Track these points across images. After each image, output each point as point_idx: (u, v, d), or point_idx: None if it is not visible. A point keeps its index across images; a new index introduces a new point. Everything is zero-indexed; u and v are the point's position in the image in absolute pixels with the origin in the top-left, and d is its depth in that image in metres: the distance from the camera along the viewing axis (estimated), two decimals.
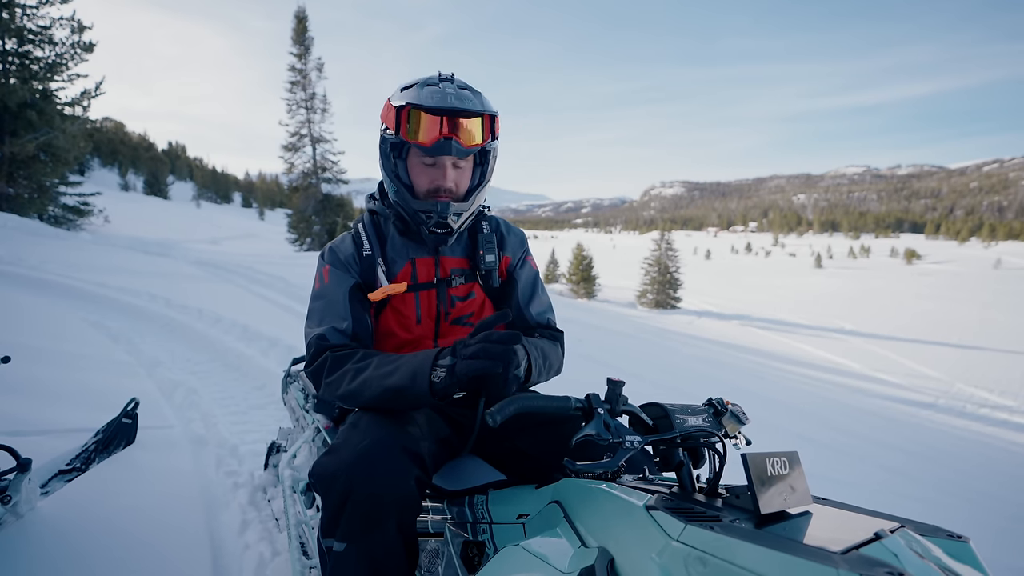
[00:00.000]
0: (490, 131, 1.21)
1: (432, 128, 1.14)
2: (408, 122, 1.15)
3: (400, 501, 0.99)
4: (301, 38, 21.45)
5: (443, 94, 1.15)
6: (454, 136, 1.15)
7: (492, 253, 1.36)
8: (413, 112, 1.14)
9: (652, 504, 0.75)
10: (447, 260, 1.34)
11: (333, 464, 1.00)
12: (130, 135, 71.06)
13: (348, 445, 1.04)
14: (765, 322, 22.00)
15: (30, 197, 14.10)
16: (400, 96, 1.19)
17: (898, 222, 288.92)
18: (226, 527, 2.01)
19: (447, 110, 1.14)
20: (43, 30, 13.66)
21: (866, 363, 13.54)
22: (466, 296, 1.36)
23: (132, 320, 5.25)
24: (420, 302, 1.31)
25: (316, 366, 1.16)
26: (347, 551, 0.97)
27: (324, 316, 1.23)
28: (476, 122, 1.18)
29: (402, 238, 1.33)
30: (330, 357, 1.14)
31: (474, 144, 1.19)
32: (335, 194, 22.26)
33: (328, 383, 1.13)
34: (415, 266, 1.31)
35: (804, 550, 0.60)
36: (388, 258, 1.31)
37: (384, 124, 1.23)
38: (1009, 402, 9.99)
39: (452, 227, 1.27)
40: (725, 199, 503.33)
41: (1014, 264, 75.58)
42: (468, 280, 1.35)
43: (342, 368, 1.12)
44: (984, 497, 4.01)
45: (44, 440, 2.19)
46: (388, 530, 0.98)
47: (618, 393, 0.90)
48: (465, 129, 1.16)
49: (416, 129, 1.15)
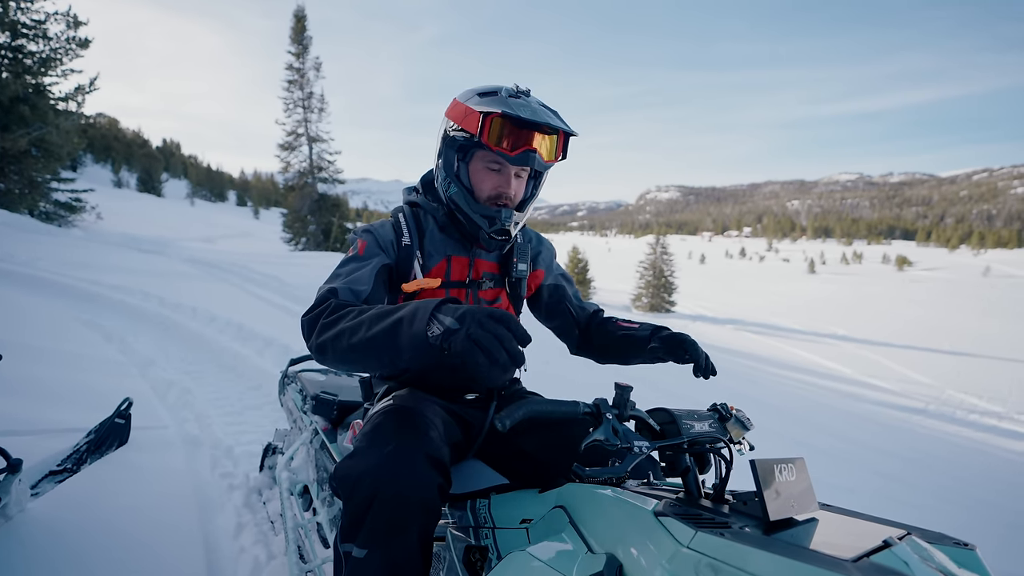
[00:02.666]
0: (563, 150, 1.26)
1: (519, 138, 1.18)
2: (492, 128, 1.17)
3: (424, 508, 0.97)
4: (299, 37, 21.38)
5: (532, 108, 1.19)
6: (537, 150, 1.19)
7: (525, 263, 1.42)
8: (502, 121, 1.17)
9: (660, 510, 0.74)
10: (481, 263, 1.38)
11: (358, 467, 0.99)
12: (124, 131, 70.53)
13: (373, 449, 1.02)
14: (759, 326, 22.11)
15: (21, 193, 13.93)
16: (483, 102, 1.20)
17: (890, 229, 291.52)
18: (221, 530, 1.99)
19: (537, 124, 1.18)
20: (37, 24, 13.53)
21: (858, 368, 13.64)
22: (493, 300, 1.39)
23: (125, 319, 5.20)
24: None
25: (317, 311, 1.09)
26: (368, 557, 0.95)
27: (343, 278, 1.20)
28: (554, 139, 1.23)
29: (441, 234, 1.35)
30: (334, 303, 1.08)
31: (550, 160, 1.24)
32: (331, 194, 22.15)
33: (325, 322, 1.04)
34: (450, 263, 1.33)
35: (817, 558, 0.60)
36: (425, 251, 1.32)
37: (455, 123, 1.24)
38: (997, 408, 10.08)
39: (511, 234, 1.30)
40: (720, 204, 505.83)
41: (1003, 272, 76.43)
42: (497, 285, 1.40)
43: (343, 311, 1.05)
44: (979, 503, 4.04)
45: (35, 440, 2.15)
46: (410, 537, 0.96)
47: (626, 398, 0.89)
48: (547, 145, 1.21)
49: (502, 137, 1.18)
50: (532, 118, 1.16)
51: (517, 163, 1.21)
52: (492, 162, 1.25)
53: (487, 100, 1.20)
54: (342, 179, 22.64)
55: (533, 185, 1.34)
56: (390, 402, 1.21)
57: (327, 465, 1.68)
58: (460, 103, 1.25)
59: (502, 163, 1.24)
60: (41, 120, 13.42)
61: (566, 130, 1.23)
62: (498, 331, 0.83)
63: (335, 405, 1.76)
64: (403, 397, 1.23)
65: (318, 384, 1.97)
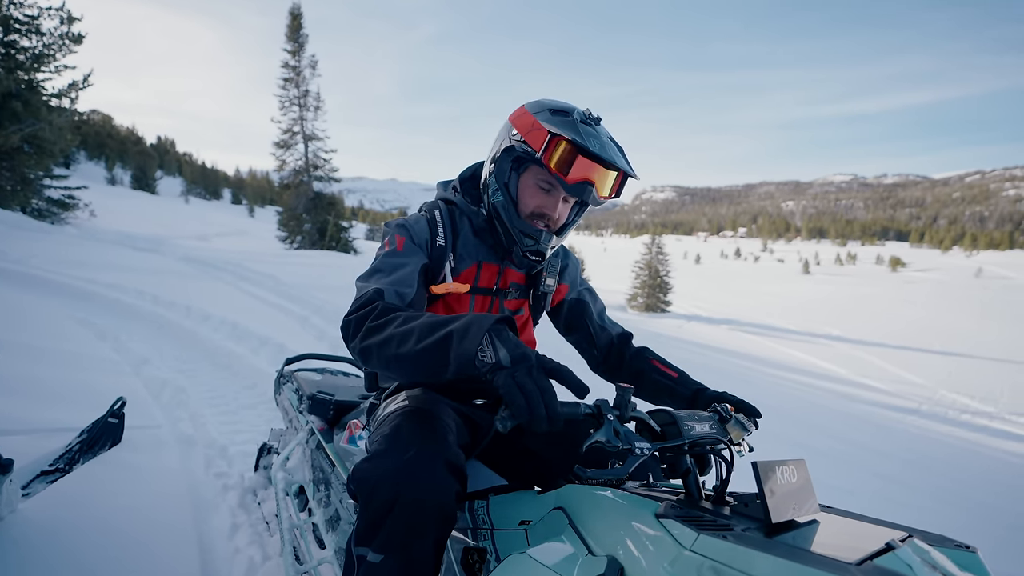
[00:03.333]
0: (618, 189, 1.23)
1: (582, 170, 1.15)
2: (557, 150, 1.15)
3: (442, 515, 0.96)
4: (295, 35, 21.28)
5: (601, 142, 1.16)
6: (594, 183, 1.16)
7: (553, 278, 1.41)
8: (568, 146, 1.14)
9: (662, 512, 0.74)
10: (510, 272, 1.36)
11: (378, 470, 0.97)
12: (118, 128, 70.05)
13: (393, 452, 1.00)
14: (754, 327, 22.18)
15: (13, 190, 13.78)
16: (553, 121, 1.16)
17: (884, 230, 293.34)
18: (215, 530, 1.97)
19: (603, 160, 1.15)
20: (30, 20, 13.40)
21: (852, 368, 13.70)
22: (516, 311, 1.38)
23: (119, 317, 5.15)
24: (474, 306, 1.31)
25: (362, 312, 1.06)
26: (384, 562, 0.93)
27: (388, 277, 1.17)
28: (613, 176, 1.20)
29: (475, 238, 1.32)
30: (381, 306, 1.06)
31: (605, 196, 1.21)
32: (326, 192, 22.07)
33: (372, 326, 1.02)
34: (480, 269, 1.31)
35: (821, 561, 0.60)
36: (457, 254, 1.30)
37: (518, 134, 1.21)
38: (989, 408, 10.16)
39: (545, 256, 1.29)
40: (715, 204, 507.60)
41: (995, 273, 77.08)
42: (521, 296, 1.39)
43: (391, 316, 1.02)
44: (973, 504, 4.07)
45: (26, 440, 2.13)
46: (427, 544, 0.94)
47: (627, 399, 0.89)
48: (605, 180, 1.18)
49: (564, 162, 1.15)
50: (599, 153, 1.13)
51: (572, 193, 1.17)
52: (544, 181, 1.22)
53: (558, 120, 1.17)
54: (338, 177, 22.57)
55: (576, 211, 1.31)
56: (406, 403, 1.20)
57: (323, 465, 1.66)
58: (529, 114, 1.21)
59: (554, 185, 1.22)
60: (34, 116, 13.29)
61: (629, 172, 1.20)
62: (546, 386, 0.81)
63: (331, 405, 1.75)
64: (418, 398, 1.21)
65: (314, 384, 1.96)
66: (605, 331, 1.52)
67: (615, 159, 1.16)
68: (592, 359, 1.55)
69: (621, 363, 1.48)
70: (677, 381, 1.36)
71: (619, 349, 1.51)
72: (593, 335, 1.51)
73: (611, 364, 1.51)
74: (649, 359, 1.45)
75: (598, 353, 1.52)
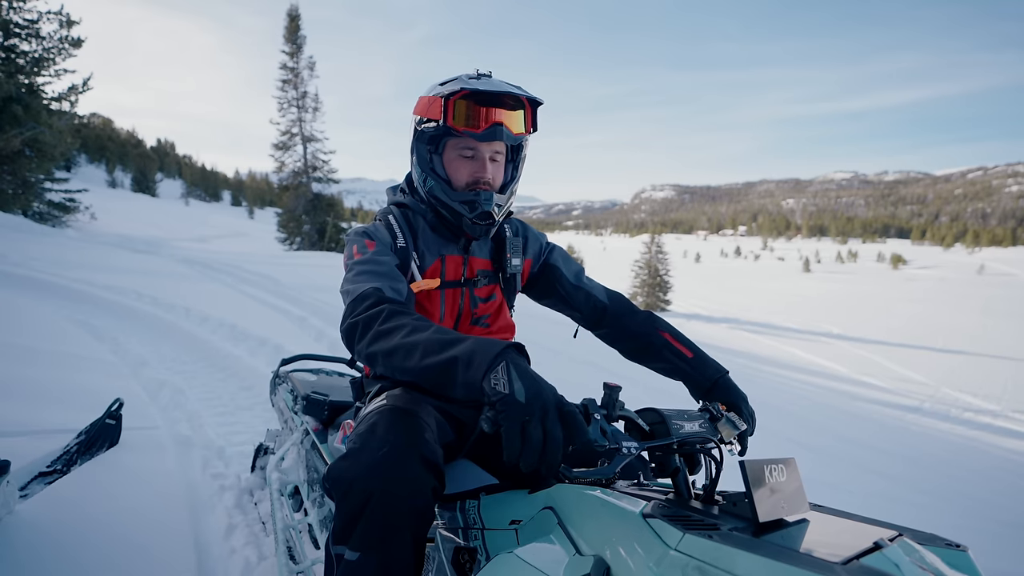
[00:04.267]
0: (532, 122, 1.24)
1: (483, 115, 1.17)
2: (456, 110, 1.16)
3: (418, 511, 0.96)
4: (293, 36, 21.30)
5: (491, 82, 1.18)
6: (504, 123, 1.18)
7: (518, 257, 1.40)
8: (462, 100, 1.16)
9: (649, 512, 0.73)
10: (475, 260, 1.36)
11: (352, 469, 0.97)
12: (118, 131, 70.21)
13: (367, 450, 1.00)
14: (754, 325, 22.16)
15: (14, 193, 13.83)
16: (443, 88, 1.20)
17: (885, 227, 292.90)
18: (212, 531, 1.97)
19: (499, 95, 1.17)
20: (30, 24, 13.43)
21: (853, 367, 13.68)
22: (488, 297, 1.38)
23: (118, 319, 5.16)
24: (445, 300, 1.32)
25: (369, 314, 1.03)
26: (361, 560, 0.93)
27: (378, 276, 1.14)
28: (520, 113, 1.21)
29: (433, 234, 1.33)
30: (388, 308, 1.03)
31: (520, 133, 1.22)
32: (325, 193, 22.09)
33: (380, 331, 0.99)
34: (444, 263, 1.32)
35: (806, 560, 0.59)
36: (420, 252, 1.31)
37: (421, 117, 1.24)
38: (992, 406, 10.14)
39: (495, 217, 1.27)
40: (715, 203, 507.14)
41: (997, 270, 76.91)
42: (491, 282, 1.38)
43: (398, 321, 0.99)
44: (976, 502, 4.06)
45: (24, 441, 2.13)
46: (404, 540, 0.94)
47: (615, 398, 0.88)
48: (512, 118, 1.20)
49: (465, 116, 1.17)
50: (493, 89, 1.16)
51: (486, 139, 1.19)
52: (464, 148, 1.24)
53: (447, 85, 1.20)
54: (337, 179, 22.59)
55: (513, 168, 1.33)
56: (384, 401, 1.19)
57: (318, 466, 1.66)
58: (423, 97, 1.25)
59: (475, 147, 1.23)
60: (34, 120, 13.32)
61: (530, 98, 1.21)
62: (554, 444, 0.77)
63: (326, 405, 1.75)
64: (397, 396, 1.21)
65: (309, 384, 1.96)
66: (581, 291, 1.48)
67: (509, 89, 1.17)
68: (578, 321, 1.52)
69: (624, 331, 1.44)
70: (693, 364, 1.32)
71: (615, 314, 1.46)
72: (567, 296, 1.47)
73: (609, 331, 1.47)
74: (660, 330, 1.39)
75: (581, 314, 1.49)
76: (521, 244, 1.43)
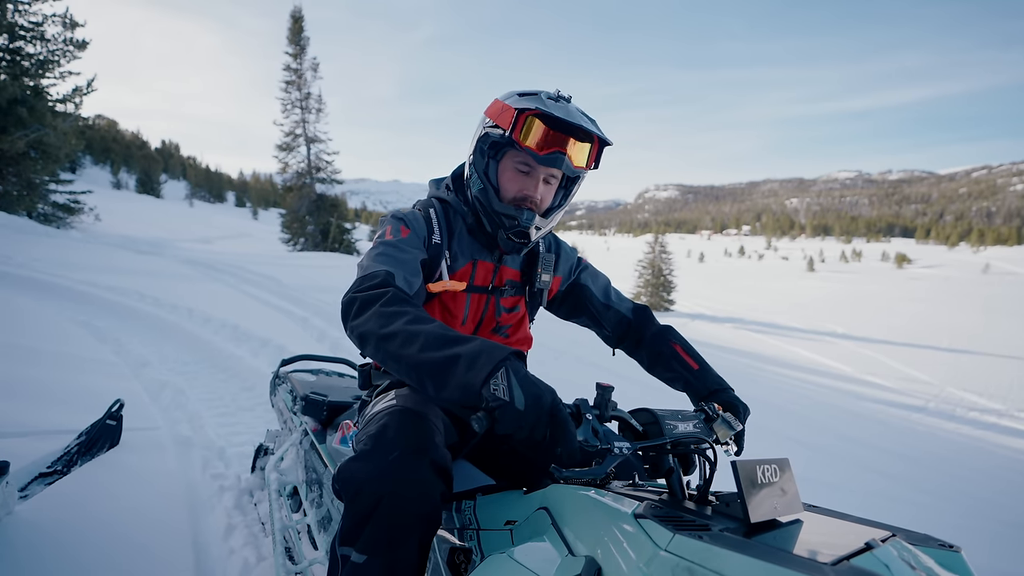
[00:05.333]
0: (595, 159, 1.23)
1: (551, 140, 1.16)
2: (526, 127, 1.16)
3: (426, 516, 0.95)
4: (297, 38, 21.35)
5: (568, 110, 1.17)
6: (567, 153, 1.17)
7: (548, 273, 1.40)
8: (536, 119, 1.15)
9: (641, 512, 0.73)
10: (505, 270, 1.36)
11: (363, 471, 0.97)
12: (123, 133, 70.60)
13: (379, 452, 1.00)
14: (758, 325, 22.08)
15: (19, 194, 13.90)
16: (520, 100, 1.19)
17: (889, 227, 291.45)
18: (211, 531, 1.98)
19: (571, 126, 1.16)
20: (35, 26, 13.51)
21: (858, 366, 13.61)
22: (512, 308, 1.38)
23: (120, 320, 5.18)
24: (470, 304, 1.31)
25: (372, 293, 1.03)
26: (367, 563, 0.93)
27: (396, 263, 1.15)
28: (587, 147, 1.21)
29: (469, 236, 1.33)
30: (393, 292, 1.03)
31: (580, 166, 1.21)
32: (329, 194, 22.13)
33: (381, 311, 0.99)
34: (475, 268, 1.31)
35: (794, 561, 0.59)
36: (453, 252, 1.30)
37: (491, 121, 1.23)
38: (997, 405, 10.07)
39: (531, 238, 1.27)
40: (719, 202, 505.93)
41: (1002, 269, 76.42)
42: (517, 293, 1.39)
43: (402, 307, 0.99)
44: (980, 502, 4.03)
45: (24, 442, 2.14)
46: (411, 545, 0.94)
47: (607, 398, 0.88)
48: (578, 150, 1.19)
49: (534, 135, 1.16)
50: (567, 119, 1.14)
51: (545, 164, 1.18)
52: (522, 163, 1.23)
53: (525, 99, 1.19)
54: (340, 179, 22.63)
55: (564, 194, 1.31)
56: (394, 402, 1.19)
57: (316, 466, 1.66)
58: (499, 101, 1.24)
59: (532, 165, 1.23)
60: (39, 122, 13.40)
61: (601, 137, 1.20)
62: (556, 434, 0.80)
63: (325, 406, 1.75)
64: (407, 397, 1.21)
65: (308, 385, 1.96)
66: (611, 309, 1.50)
67: (583, 124, 1.16)
68: (606, 339, 1.54)
69: (640, 342, 1.45)
70: (696, 375, 1.33)
71: (637, 326, 1.48)
72: (598, 315, 1.49)
73: (629, 343, 1.49)
74: (671, 342, 1.41)
75: (610, 333, 1.51)
76: (553, 261, 1.43)
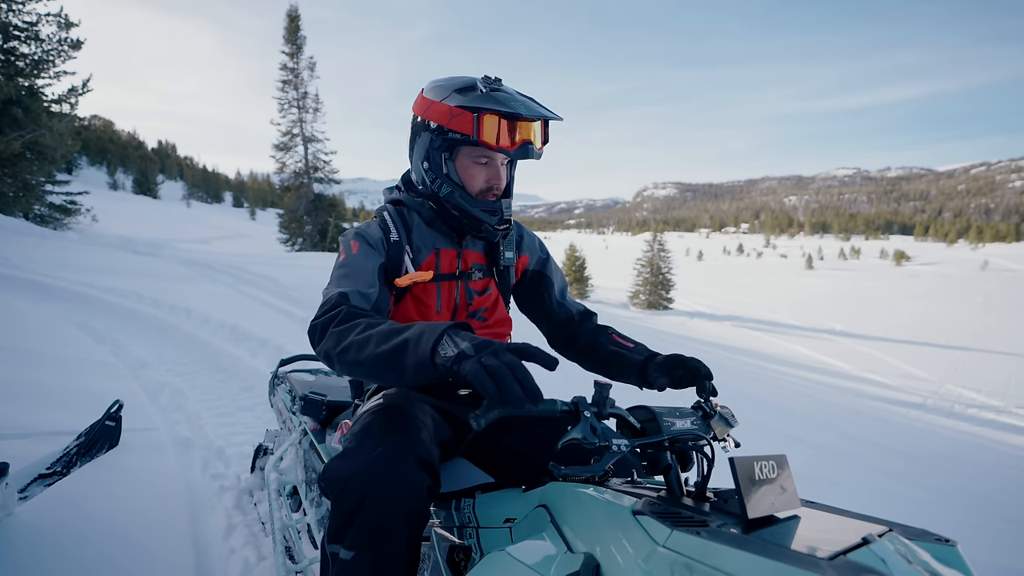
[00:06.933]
0: (546, 135, 1.28)
1: (516, 132, 1.20)
2: (489, 127, 1.18)
3: (412, 511, 0.96)
4: (293, 37, 21.32)
5: (521, 102, 1.21)
6: (532, 141, 1.22)
7: (511, 251, 1.44)
8: (498, 118, 1.18)
9: (639, 509, 0.73)
10: (469, 254, 1.39)
11: (346, 469, 0.98)
12: (119, 133, 70.51)
13: (362, 450, 1.01)
14: (757, 323, 22.11)
15: (15, 195, 13.86)
16: (469, 100, 1.20)
17: (888, 224, 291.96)
18: (211, 531, 1.98)
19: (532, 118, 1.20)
20: (29, 26, 13.46)
21: (856, 364, 13.65)
22: (483, 291, 1.40)
23: (118, 321, 5.18)
24: (441, 293, 1.34)
25: (327, 317, 1.09)
26: (355, 560, 0.94)
27: (350, 280, 1.20)
28: (539, 126, 1.25)
29: (428, 228, 1.36)
30: (346, 310, 1.08)
31: (540, 148, 1.26)
32: (327, 194, 22.13)
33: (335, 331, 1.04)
34: (439, 257, 1.34)
35: (791, 556, 0.59)
36: (414, 246, 1.33)
37: (436, 123, 1.24)
38: (996, 402, 10.11)
39: (511, 223, 1.35)
40: (717, 200, 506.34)
41: (1001, 266, 76.61)
42: (485, 275, 1.41)
43: (353, 321, 1.05)
44: (979, 499, 4.04)
45: (24, 444, 2.15)
46: (398, 540, 0.95)
47: (605, 396, 0.88)
48: (536, 133, 1.24)
49: (501, 134, 1.19)
50: (527, 113, 1.18)
51: (518, 156, 1.23)
52: (480, 156, 1.27)
53: (472, 97, 1.19)
54: (338, 179, 22.63)
55: (509, 172, 1.37)
56: (380, 401, 1.20)
57: (315, 466, 1.67)
58: (438, 102, 1.24)
59: (490, 156, 1.27)
60: (35, 122, 13.36)
61: (555, 118, 1.25)
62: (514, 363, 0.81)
63: (324, 405, 1.75)
64: (393, 396, 1.22)
65: (307, 384, 1.96)
66: (564, 308, 1.54)
67: (542, 112, 1.21)
68: (549, 336, 1.57)
69: (578, 338, 1.48)
70: (632, 350, 1.36)
71: (578, 324, 1.51)
72: (550, 311, 1.53)
73: (569, 339, 1.51)
74: (609, 333, 1.45)
75: (555, 331, 1.54)
76: (515, 239, 1.46)
